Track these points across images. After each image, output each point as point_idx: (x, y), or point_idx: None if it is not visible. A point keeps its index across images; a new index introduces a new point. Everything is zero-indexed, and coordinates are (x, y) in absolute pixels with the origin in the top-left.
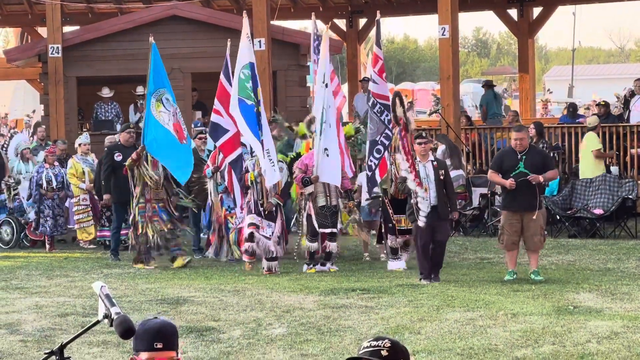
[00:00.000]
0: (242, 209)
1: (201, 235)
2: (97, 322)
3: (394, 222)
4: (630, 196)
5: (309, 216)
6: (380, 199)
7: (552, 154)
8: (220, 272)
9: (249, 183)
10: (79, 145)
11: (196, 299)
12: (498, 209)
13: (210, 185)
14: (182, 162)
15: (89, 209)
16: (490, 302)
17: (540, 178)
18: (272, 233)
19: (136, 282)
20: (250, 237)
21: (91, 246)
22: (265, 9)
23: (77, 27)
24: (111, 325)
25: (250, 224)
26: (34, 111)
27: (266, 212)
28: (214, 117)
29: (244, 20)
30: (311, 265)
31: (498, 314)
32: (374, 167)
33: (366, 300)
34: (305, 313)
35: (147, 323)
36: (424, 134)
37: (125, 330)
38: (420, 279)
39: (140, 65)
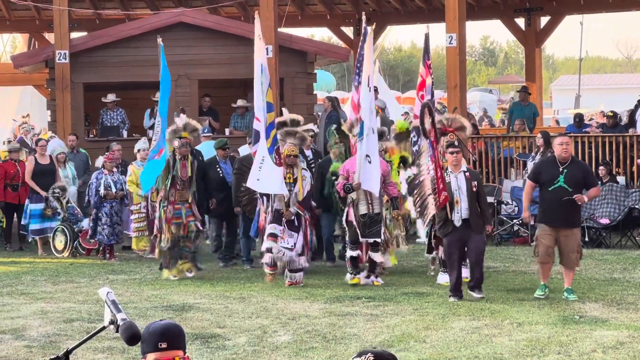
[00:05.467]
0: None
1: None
2: (103, 328)
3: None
4: (637, 206)
5: (349, 223)
6: None
7: None
8: (226, 279)
9: None
10: (138, 151)
11: (202, 306)
12: (504, 218)
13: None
14: (149, 174)
15: (146, 217)
16: (495, 311)
17: (585, 199)
18: (295, 244)
19: (142, 288)
20: (269, 249)
21: (151, 256)
22: (272, 16)
23: (85, 33)
24: (117, 332)
25: (270, 235)
26: (27, 115)
27: (286, 221)
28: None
29: (256, 22)
30: (354, 275)
31: (504, 323)
32: None
33: (372, 308)
34: (310, 320)
35: (152, 325)
36: (456, 143)
37: (131, 336)
38: (449, 296)
39: (148, 71)
